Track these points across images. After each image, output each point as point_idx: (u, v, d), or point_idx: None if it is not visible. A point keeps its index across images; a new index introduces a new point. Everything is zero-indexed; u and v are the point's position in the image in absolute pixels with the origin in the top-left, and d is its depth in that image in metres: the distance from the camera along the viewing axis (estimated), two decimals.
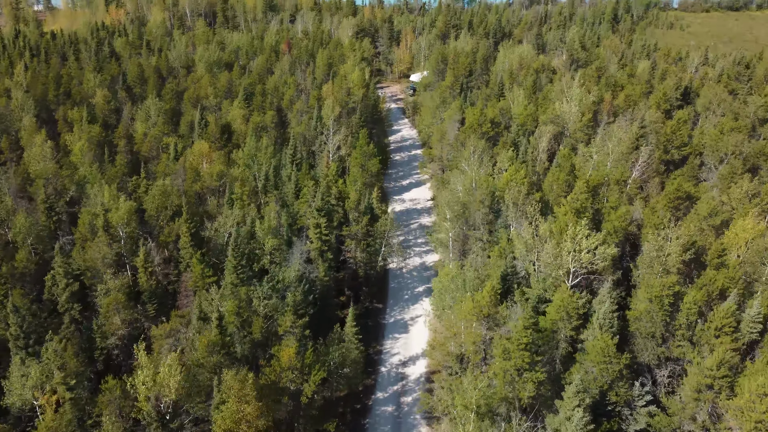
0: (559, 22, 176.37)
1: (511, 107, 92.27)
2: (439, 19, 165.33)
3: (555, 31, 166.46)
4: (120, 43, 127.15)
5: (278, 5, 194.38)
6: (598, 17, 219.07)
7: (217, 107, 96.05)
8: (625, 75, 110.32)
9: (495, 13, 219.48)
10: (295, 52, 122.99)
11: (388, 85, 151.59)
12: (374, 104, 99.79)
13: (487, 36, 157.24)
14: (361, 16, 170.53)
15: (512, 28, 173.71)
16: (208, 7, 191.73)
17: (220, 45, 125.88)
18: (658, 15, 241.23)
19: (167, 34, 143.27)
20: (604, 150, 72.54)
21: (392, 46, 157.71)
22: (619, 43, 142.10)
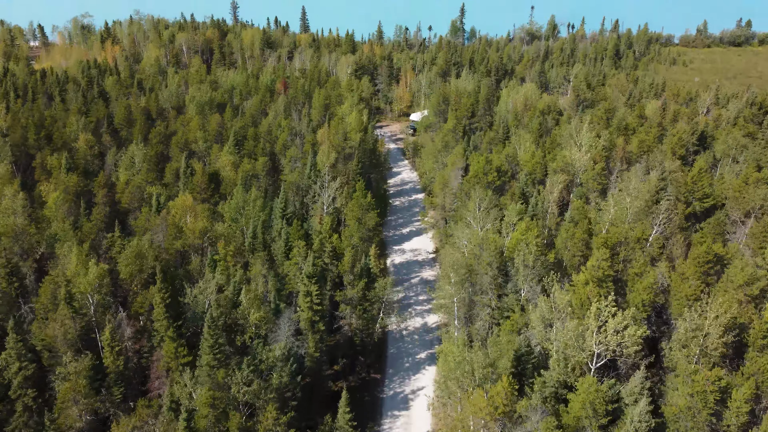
0: (562, 60, 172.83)
1: (517, 153, 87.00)
2: (440, 56, 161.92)
3: (558, 69, 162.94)
4: (110, 83, 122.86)
5: (276, 42, 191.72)
6: (600, 53, 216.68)
7: (207, 152, 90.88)
8: (634, 116, 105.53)
9: (495, 49, 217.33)
10: (291, 92, 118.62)
11: (388, 124, 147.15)
12: (373, 148, 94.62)
13: (488, 74, 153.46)
14: (360, 53, 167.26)
15: (514, 65, 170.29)
16: (205, 44, 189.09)
17: (214, 84, 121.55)
18: (660, 50, 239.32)
19: (160, 72, 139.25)
20: (622, 203, 66.78)
21: (392, 84, 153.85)
22: (625, 81, 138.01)
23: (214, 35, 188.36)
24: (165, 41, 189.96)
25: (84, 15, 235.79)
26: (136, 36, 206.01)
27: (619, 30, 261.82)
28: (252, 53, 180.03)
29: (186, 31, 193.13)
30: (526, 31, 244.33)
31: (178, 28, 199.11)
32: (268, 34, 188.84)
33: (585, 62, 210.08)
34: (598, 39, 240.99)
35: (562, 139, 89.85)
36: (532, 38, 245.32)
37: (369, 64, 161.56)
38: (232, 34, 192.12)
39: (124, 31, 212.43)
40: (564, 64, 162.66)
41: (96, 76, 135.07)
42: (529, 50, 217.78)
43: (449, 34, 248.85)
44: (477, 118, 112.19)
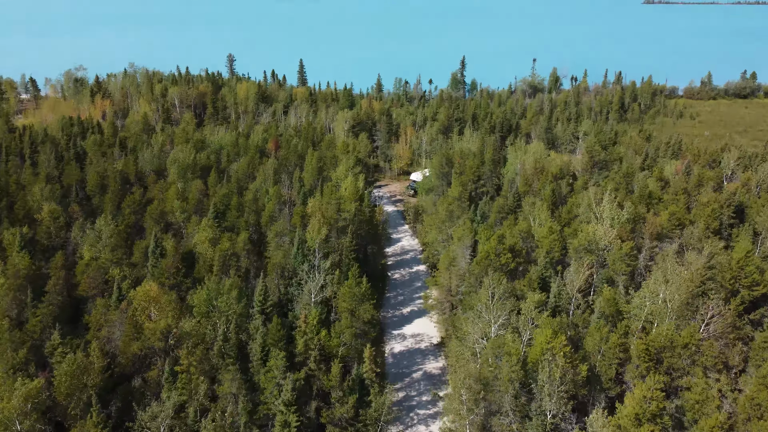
0: (568, 115, 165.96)
1: (532, 226, 77.53)
2: (441, 112, 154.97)
3: (565, 124, 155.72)
4: (90, 143, 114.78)
5: (272, 95, 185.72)
6: (605, 106, 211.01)
7: (185, 224, 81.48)
8: (654, 179, 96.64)
9: (498, 103, 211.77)
10: (282, 153, 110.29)
11: (387, 183, 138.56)
12: (370, 218, 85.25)
13: (492, 130, 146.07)
14: (358, 108, 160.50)
15: (518, 120, 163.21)
16: (198, 98, 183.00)
17: (200, 144, 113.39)
18: (665, 103, 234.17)
19: (146, 130, 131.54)
20: (659, 296, 56.74)
21: (391, 141, 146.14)
22: (638, 138, 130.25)
23: (207, 89, 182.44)
24: (157, 95, 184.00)
25: (78, 68, 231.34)
26: (129, 90, 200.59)
27: (623, 82, 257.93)
28: (246, 108, 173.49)
29: (179, 84, 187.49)
30: (528, 83, 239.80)
31: (172, 82, 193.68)
32: (263, 88, 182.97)
33: (590, 115, 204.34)
34: (603, 92, 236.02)
35: (579, 210, 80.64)
36: (535, 91, 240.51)
37: (367, 119, 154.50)
38: (227, 87, 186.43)
39: (117, 84, 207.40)
40: (571, 120, 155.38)
41: (77, 135, 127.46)
42: (532, 104, 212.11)
43: (450, 87, 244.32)
44: (483, 181, 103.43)
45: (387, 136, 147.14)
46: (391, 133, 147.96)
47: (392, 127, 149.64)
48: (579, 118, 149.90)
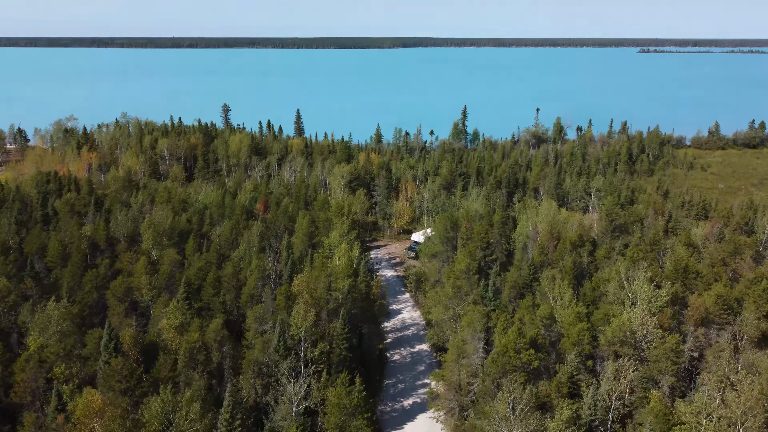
0: (578, 168, 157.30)
1: (553, 307, 66.75)
2: (443, 166, 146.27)
3: (574, 179, 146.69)
4: (63, 202, 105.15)
5: (266, 148, 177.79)
6: (613, 158, 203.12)
7: (153, 302, 70.79)
8: (682, 246, 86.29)
9: (501, 153, 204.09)
10: (271, 214, 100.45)
11: (386, 244, 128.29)
12: (366, 294, 74.56)
13: (498, 186, 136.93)
14: (356, 162, 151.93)
15: (524, 174, 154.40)
16: (189, 150, 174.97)
17: (181, 206, 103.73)
18: (674, 153, 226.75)
19: (128, 186, 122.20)
20: (717, 410, 45.55)
21: (390, 197, 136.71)
22: (657, 196, 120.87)
23: (199, 140, 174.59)
24: (146, 147, 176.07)
25: (68, 118, 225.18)
26: (118, 141, 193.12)
27: (629, 131, 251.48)
28: (239, 160, 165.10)
29: (170, 136, 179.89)
30: (532, 133, 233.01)
31: (163, 133, 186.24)
32: (257, 139, 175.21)
33: (598, 166, 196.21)
34: (609, 142, 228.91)
35: (607, 287, 70.09)
36: (539, 141, 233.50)
37: (365, 174, 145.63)
38: (220, 139, 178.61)
39: (107, 135, 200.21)
40: (582, 174, 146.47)
41: (52, 192, 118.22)
42: (537, 155, 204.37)
43: (451, 137, 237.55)
44: (492, 247, 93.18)
45: (386, 191, 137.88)
46: (390, 188, 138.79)
47: (392, 182, 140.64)
48: (590, 173, 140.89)
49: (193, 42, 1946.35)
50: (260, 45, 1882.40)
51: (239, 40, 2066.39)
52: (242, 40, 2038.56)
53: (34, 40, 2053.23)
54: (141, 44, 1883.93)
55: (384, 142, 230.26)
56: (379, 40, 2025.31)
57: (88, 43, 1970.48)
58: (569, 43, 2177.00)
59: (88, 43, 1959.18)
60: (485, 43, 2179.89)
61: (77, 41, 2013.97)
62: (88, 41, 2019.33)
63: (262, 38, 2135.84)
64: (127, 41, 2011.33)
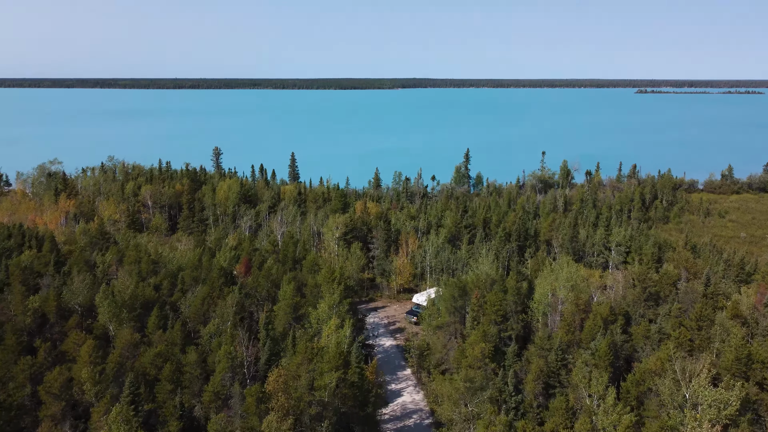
0: (592, 219, 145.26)
1: (592, 411, 53.29)
2: (447, 217, 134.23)
3: (589, 229, 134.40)
4: (15, 263, 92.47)
5: (256, 195, 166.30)
6: (625, 204, 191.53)
7: (96, 402, 57.31)
8: (729, 318, 73.25)
9: (507, 199, 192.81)
10: (252, 279, 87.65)
11: (384, 305, 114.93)
12: (359, 385, 61.03)
13: (507, 238, 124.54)
14: (352, 212, 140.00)
15: (535, 225, 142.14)
16: (174, 198, 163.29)
17: (151, 267, 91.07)
18: (688, 198, 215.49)
19: (96, 242, 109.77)
20: None
21: (389, 252, 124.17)
22: (686, 252, 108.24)
23: (184, 187, 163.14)
24: (128, 194, 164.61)
25: (52, 161, 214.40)
26: (102, 186, 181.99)
27: (639, 175, 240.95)
28: (226, 210, 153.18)
29: (153, 182, 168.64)
30: (538, 177, 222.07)
31: (146, 179, 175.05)
32: (246, 186, 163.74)
33: (610, 212, 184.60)
34: (619, 186, 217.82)
35: (655, 382, 56.80)
36: (546, 186, 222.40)
37: (362, 225, 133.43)
38: (208, 186, 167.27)
39: (90, 180, 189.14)
40: (598, 226, 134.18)
41: (12, 249, 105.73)
42: (545, 201, 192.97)
43: (453, 181, 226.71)
44: (508, 319, 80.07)
45: (384, 245, 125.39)
46: (389, 242, 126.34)
47: (391, 234, 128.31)
48: (608, 225, 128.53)
49: (195, 83, 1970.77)
50: (261, 86, 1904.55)
51: (241, 81, 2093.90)
52: (244, 81, 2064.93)
53: (38, 81, 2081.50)
54: (144, 85, 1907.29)
55: (383, 186, 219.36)
56: (379, 81, 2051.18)
57: (92, 84, 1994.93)
58: (566, 84, 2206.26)
59: (91, 84, 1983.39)
60: (484, 84, 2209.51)
61: (81, 82, 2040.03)
62: (91, 82, 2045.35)
63: (263, 79, 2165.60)
64: (130, 82, 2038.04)
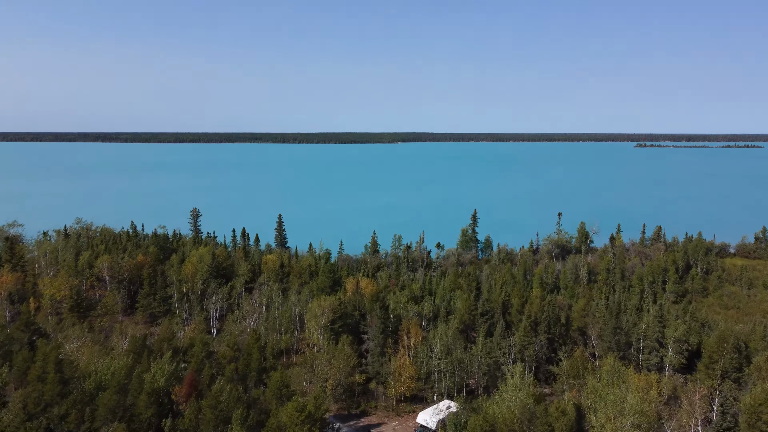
0: (631, 301, 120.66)
1: None
2: (458, 299, 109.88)
3: (633, 315, 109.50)
4: None
5: (232, 267, 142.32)
6: (658, 275, 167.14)
7: None
8: None
9: (522, 268, 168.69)
10: (190, 412, 62.34)
11: (379, 422, 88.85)
12: None
13: (534, 329, 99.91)
14: (342, 292, 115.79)
15: (568, 312, 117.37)
16: (135, 271, 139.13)
17: (57, 389, 65.91)
18: (722, 265, 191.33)
19: (6, 343, 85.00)
20: None
21: (386, 345, 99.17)
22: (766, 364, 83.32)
23: (148, 258, 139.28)
24: (83, 266, 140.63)
25: (11, 224, 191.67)
26: (60, 255, 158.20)
27: (664, 237, 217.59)
28: (192, 286, 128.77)
29: (112, 251, 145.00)
30: (555, 242, 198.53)
31: (106, 248, 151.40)
32: (220, 257, 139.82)
33: (640, 284, 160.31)
34: (648, 254, 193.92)
35: None
36: (563, 251, 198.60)
37: (354, 309, 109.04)
38: (176, 256, 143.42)
39: (47, 247, 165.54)
40: (642, 313, 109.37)
41: None
42: (565, 271, 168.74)
43: (459, 246, 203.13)
44: None
45: (381, 337, 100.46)
46: (386, 333, 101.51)
47: (388, 322, 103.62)
48: (662, 316, 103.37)
49: (195, 137, 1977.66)
50: (262, 140, 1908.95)
51: (241, 135, 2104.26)
52: (244, 135, 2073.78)
53: (39, 135, 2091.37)
54: (145, 139, 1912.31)
55: (381, 252, 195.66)
56: (379, 135, 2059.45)
57: (93, 138, 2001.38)
58: (564, 138, 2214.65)
59: (93, 138, 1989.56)
60: (483, 137, 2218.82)
61: (83, 136, 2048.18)
62: (93, 136, 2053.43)
63: (264, 133, 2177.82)
64: (131, 136, 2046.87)
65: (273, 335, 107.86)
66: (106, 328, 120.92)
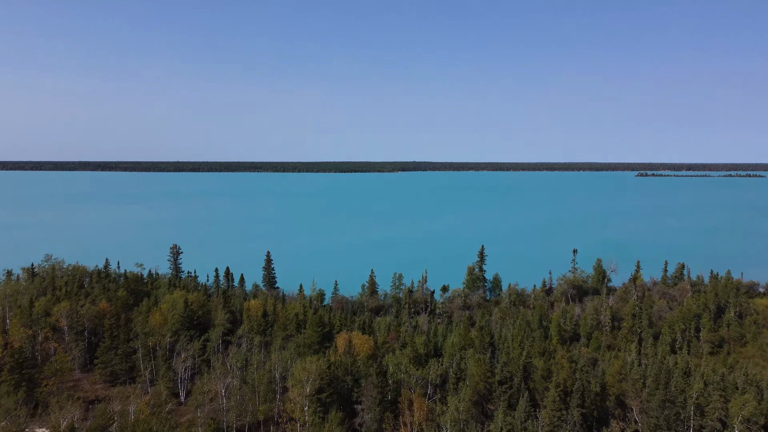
0: (678, 367, 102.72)
1: None
2: (470, 361, 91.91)
3: (679, 379, 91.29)
4: None
5: (209, 315, 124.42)
6: (690, 321, 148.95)
7: None
8: None
9: (538, 314, 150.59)
10: None
11: None
12: None
13: (565, 403, 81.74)
14: (333, 351, 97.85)
15: (601, 378, 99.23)
16: (97, 320, 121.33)
17: None
18: (755, 307, 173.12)
19: None
20: None
21: (384, 421, 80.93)
22: None
23: (111, 306, 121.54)
24: (38, 313, 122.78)
25: None
26: (19, 298, 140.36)
27: (688, 275, 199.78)
28: (159, 341, 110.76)
29: (71, 297, 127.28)
30: (570, 282, 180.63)
31: (65, 293, 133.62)
32: (194, 305, 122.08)
33: (675, 335, 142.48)
34: (675, 295, 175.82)
35: None
36: (580, 292, 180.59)
37: (345, 374, 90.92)
38: (144, 304, 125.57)
39: (7, 289, 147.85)
40: (700, 379, 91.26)
41: None
42: (585, 316, 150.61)
43: (465, 285, 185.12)
44: None
45: (378, 410, 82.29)
46: (384, 405, 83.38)
47: (387, 391, 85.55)
48: (724, 388, 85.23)
49: (195, 166, 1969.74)
50: (262, 169, 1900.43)
51: (241, 164, 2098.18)
52: (244, 164, 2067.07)
53: (39, 164, 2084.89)
54: (145, 168, 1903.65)
55: (380, 292, 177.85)
56: (380, 164, 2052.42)
57: (93, 167, 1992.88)
58: (565, 167, 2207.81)
59: (92, 167, 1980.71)
60: (483, 167, 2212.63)
61: (82, 165, 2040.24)
62: (93, 165, 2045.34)
63: (264, 162, 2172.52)
64: (131, 165, 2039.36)
65: (251, 401, 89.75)
66: (55, 392, 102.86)
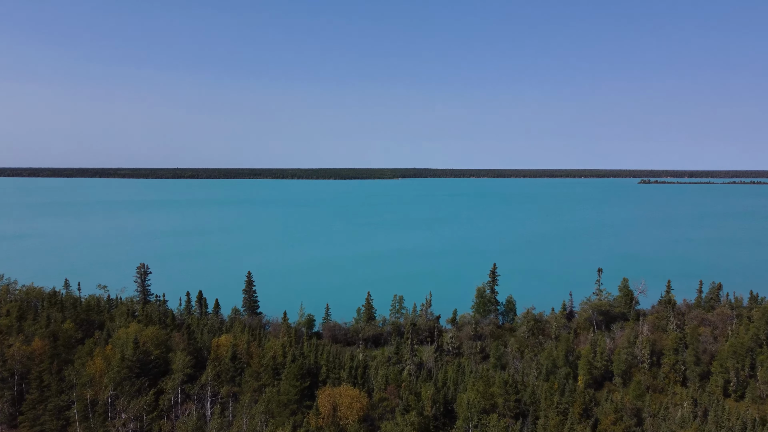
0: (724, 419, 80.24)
1: None
2: (492, 424, 69.18)
3: None
4: None
5: (166, 356, 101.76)
6: (740, 354, 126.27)
7: None
8: None
9: (564, 346, 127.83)
10: None
11: None
12: None
13: None
14: (314, 413, 75.29)
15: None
16: (30, 362, 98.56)
17: None
18: None
19: None
20: None
21: None
22: None
23: (45, 344, 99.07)
24: None
25: None
26: None
27: (726, 296, 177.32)
28: (100, 393, 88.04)
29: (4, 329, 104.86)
30: (596, 307, 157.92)
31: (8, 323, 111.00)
32: (146, 347, 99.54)
33: (727, 374, 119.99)
34: (715, 321, 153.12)
35: None
36: (607, 317, 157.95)
37: None
38: (87, 344, 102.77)
39: None
40: None
41: None
42: (619, 352, 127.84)
43: (475, 309, 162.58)
44: None
45: None
46: None
47: None
48: None
49: (194, 173, 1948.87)
50: (261, 176, 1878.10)
51: (240, 170, 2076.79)
52: (243, 171, 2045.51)
53: (36, 170, 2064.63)
54: (143, 175, 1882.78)
55: (378, 318, 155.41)
56: (380, 171, 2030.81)
57: (91, 173, 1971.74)
58: (566, 174, 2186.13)
59: (90, 174, 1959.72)
60: (484, 173, 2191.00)
61: (80, 171, 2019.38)
62: (91, 171, 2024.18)
63: (263, 169, 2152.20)
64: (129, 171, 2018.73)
65: None
66: None
